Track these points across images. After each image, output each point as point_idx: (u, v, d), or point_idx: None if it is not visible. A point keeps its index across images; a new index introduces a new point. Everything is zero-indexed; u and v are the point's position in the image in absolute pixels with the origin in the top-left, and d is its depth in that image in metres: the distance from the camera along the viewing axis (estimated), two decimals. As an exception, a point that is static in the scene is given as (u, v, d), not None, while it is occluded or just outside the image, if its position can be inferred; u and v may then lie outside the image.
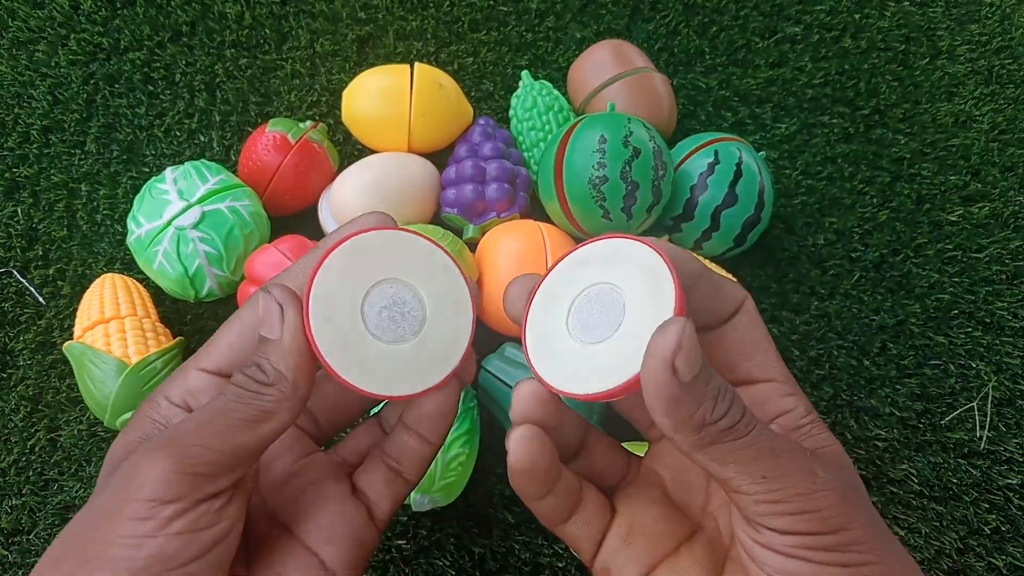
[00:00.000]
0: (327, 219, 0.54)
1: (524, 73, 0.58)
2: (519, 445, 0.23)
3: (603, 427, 0.48)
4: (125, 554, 0.20)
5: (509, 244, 0.50)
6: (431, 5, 0.65)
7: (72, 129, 0.59)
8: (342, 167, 0.54)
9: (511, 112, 0.58)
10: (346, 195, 0.51)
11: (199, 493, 0.21)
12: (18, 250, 0.55)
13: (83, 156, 0.58)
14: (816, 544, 0.20)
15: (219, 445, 0.21)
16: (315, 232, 0.55)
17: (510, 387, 0.45)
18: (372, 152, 0.57)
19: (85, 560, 0.20)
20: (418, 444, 0.26)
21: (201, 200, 0.48)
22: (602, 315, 0.23)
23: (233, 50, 0.62)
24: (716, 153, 0.52)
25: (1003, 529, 0.50)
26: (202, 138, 0.59)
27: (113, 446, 0.24)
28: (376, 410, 0.37)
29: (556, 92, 0.57)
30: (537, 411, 0.23)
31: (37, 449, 0.49)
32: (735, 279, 0.55)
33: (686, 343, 0.19)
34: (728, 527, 0.25)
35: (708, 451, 0.20)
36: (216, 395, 0.23)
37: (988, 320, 0.57)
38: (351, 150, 0.59)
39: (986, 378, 0.55)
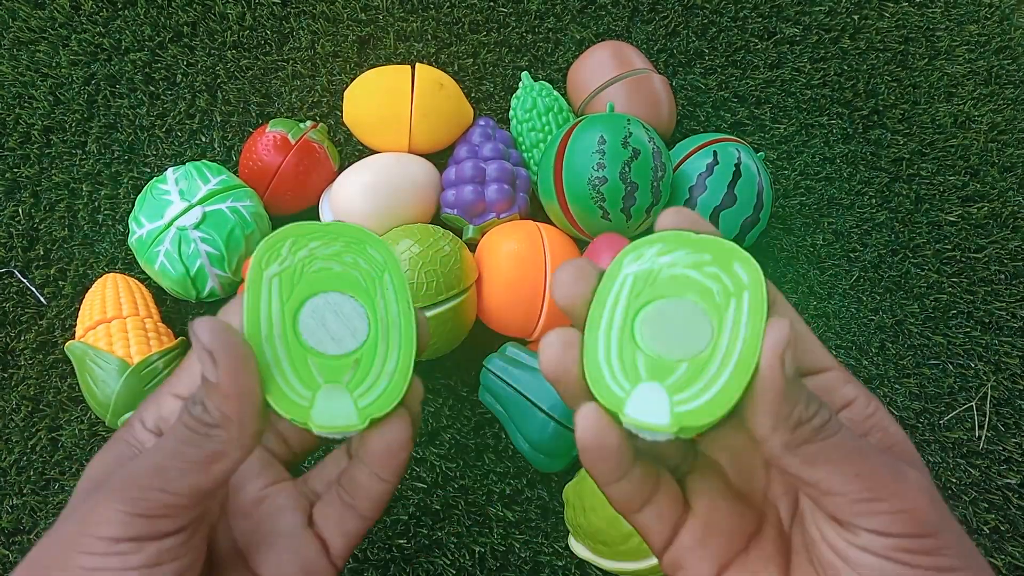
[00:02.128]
0: (327, 219, 0.54)
1: (524, 74, 0.59)
2: (588, 421, 0.21)
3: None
4: None
5: (509, 245, 0.50)
6: (431, 6, 0.65)
7: (73, 129, 0.59)
8: (343, 167, 0.54)
9: (511, 113, 0.58)
10: (346, 195, 0.51)
11: (156, 532, 0.21)
12: (19, 250, 0.55)
13: (84, 156, 0.58)
14: (913, 547, 0.20)
15: (173, 487, 0.21)
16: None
17: (512, 387, 0.45)
18: (373, 152, 0.58)
19: None
20: (370, 480, 0.25)
21: (202, 200, 0.48)
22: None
23: (234, 51, 0.62)
24: (715, 154, 0.52)
25: (1002, 529, 0.50)
26: (203, 138, 0.59)
27: (90, 464, 0.24)
28: None
29: (556, 93, 0.57)
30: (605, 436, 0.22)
31: (38, 449, 0.49)
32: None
33: (792, 340, 0.19)
34: (790, 516, 0.25)
35: (800, 451, 0.20)
36: (167, 433, 0.22)
37: (987, 320, 0.57)
38: (352, 150, 0.59)
39: (985, 378, 0.55)
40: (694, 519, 0.24)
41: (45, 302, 0.53)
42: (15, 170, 0.57)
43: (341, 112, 0.58)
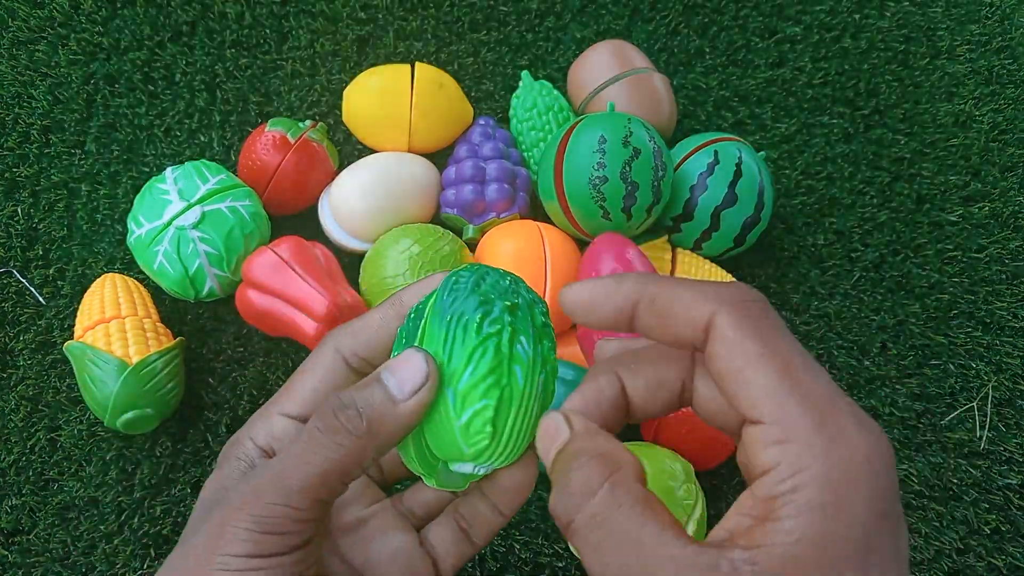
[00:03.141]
0: (327, 219, 0.54)
1: (524, 73, 0.58)
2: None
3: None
4: None
5: (508, 244, 0.50)
6: (431, 5, 0.65)
7: (72, 129, 0.59)
8: (342, 167, 0.54)
9: (511, 112, 0.58)
10: (346, 195, 0.51)
11: (284, 548, 0.21)
12: (18, 250, 0.55)
13: (83, 156, 0.58)
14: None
15: (295, 501, 0.21)
16: (315, 232, 0.55)
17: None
18: (372, 152, 0.57)
19: None
20: (491, 513, 0.26)
21: (201, 200, 0.48)
22: None
23: (233, 50, 0.62)
24: (716, 153, 0.52)
25: (1003, 529, 0.50)
26: (202, 138, 0.59)
27: (205, 488, 0.25)
28: None
29: (556, 92, 0.57)
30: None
31: (37, 449, 0.49)
32: (733, 279, 0.55)
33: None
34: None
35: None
36: (293, 441, 0.22)
37: (988, 320, 0.57)
38: (351, 150, 0.59)
39: (986, 378, 0.55)
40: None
41: (44, 302, 0.53)
42: (14, 170, 0.57)
43: (340, 111, 0.58)
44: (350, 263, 0.53)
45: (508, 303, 0.22)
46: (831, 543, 0.16)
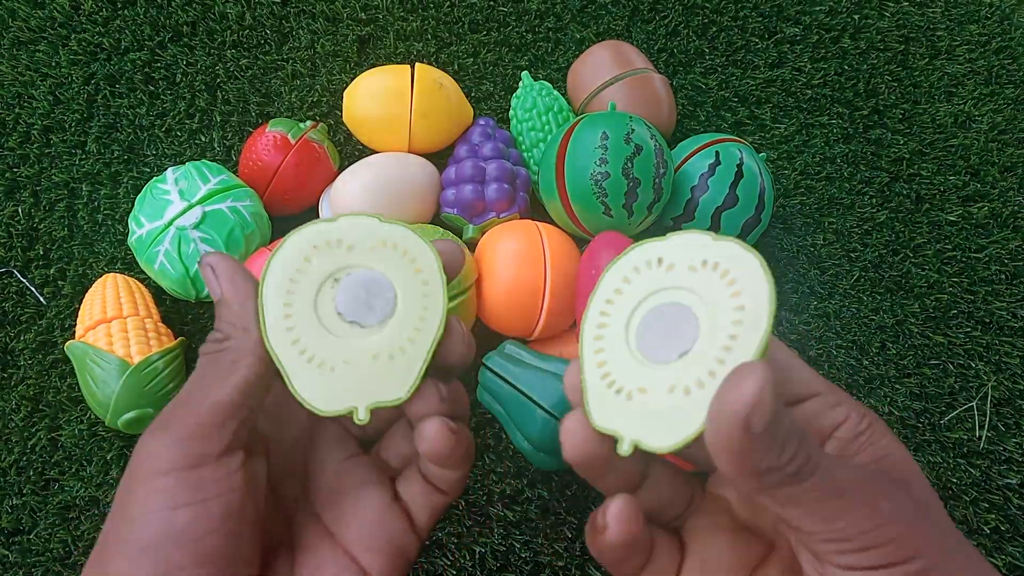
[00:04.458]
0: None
1: (524, 74, 0.59)
2: (619, 522, 0.22)
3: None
4: (136, 535, 0.20)
5: (508, 244, 0.50)
6: (431, 6, 0.65)
7: (73, 129, 0.59)
8: (343, 167, 0.54)
9: (511, 112, 0.58)
10: (346, 195, 0.51)
11: (193, 458, 0.21)
12: (19, 250, 0.55)
13: (84, 156, 0.58)
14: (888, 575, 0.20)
15: (197, 407, 0.22)
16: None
17: (512, 385, 0.45)
18: (372, 152, 0.58)
19: (104, 548, 0.21)
20: (440, 470, 0.26)
21: (202, 200, 0.48)
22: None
23: (234, 50, 0.62)
24: (717, 154, 0.52)
25: (1002, 529, 0.50)
26: (203, 138, 0.59)
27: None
28: None
29: (556, 93, 0.57)
30: (589, 449, 0.23)
31: (38, 449, 0.49)
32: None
33: (766, 398, 0.17)
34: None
35: (770, 494, 0.19)
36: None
37: (987, 320, 0.57)
38: (351, 150, 0.59)
39: (985, 378, 0.55)
40: (690, 559, 0.24)
41: (45, 302, 0.53)
42: (15, 170, 0.57)
43: (341, 112, 0.58)
44: (350, 263, 0.53)
45: None
46: (908, 462, 0.22)
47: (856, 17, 0.68)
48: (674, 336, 0.21)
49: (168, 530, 0.20)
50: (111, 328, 0.47)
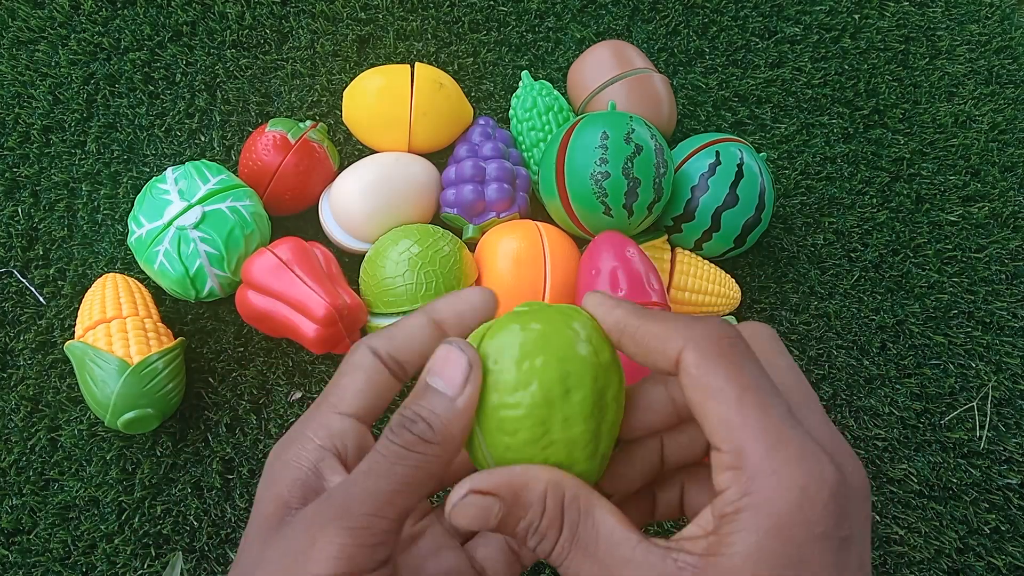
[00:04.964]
0: (327, 219, 0.54)
1: (524, 73, 0.58)
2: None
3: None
4: None
5: (508, 244, 0.50)
6: (431, 5, 0.65)
7: (73, 129, 0.59)
8: (342, 167, 0.54)
9: (511, 112, 0.58)
10: (346, 195, 0.51)
11: (372, 563, 0.20)
12: (19, 250, 0.55)
13: (84, 156, 0.58)
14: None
15: (385, 511, 0.21)
16: (315, 232, 0.55)
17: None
18: (372, 152, 0.58)
19: None
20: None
21: (202, 200, 0.48)
22: None
23: (234, 50, 0.62)
24: (718, 154, 0.52)
25: (1003, 529, 0.50)
26: (203, 138, 0.59)
27: (262, 495, 0.23)
28: None
29: (556, 92, 0.57)
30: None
31: (38, 449, 0.49)
32: (734, 283, 0.55)
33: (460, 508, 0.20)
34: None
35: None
36: (374, 455, 0.22)
37: (988, 320, 0.57)
38: (351, 150, 0.59)
39: (986, 378, 0.55)
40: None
41: (44, 302, 0.53)
42: (14, 170, 0.57)
43: (341, 112, 0.58)
44: (350, 263, 0.53)
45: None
46: (766, 559, 0.19)
47: (856, 17, 0.68)
48: None
49: None
50: (111, 328, 0.47)
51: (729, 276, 0.54)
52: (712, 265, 0.54)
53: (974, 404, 0.54)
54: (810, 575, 0.19)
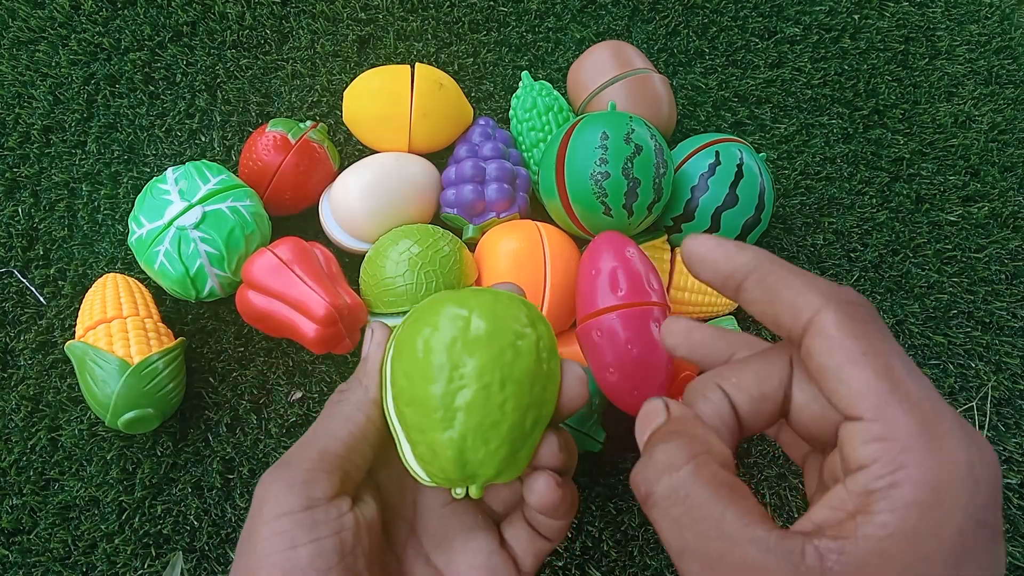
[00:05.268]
0: (328, 219, 0.54)
1: (524, 74, 0.59)
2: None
3: (602, 425, 0.48)
4: (265, 573, 0.22)
5: (508, 244, 0.50)
6: (431, 6, 0.65)
7: (73, 129, 0.59)
8: (343, 167, 0.54)
9: (511, 112, 0.58)
10: (346, 195, 0.51)
11: (306, 501, 0.24)
12: (19, 250, 0.55)
13: (84, 156, 0.58)
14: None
15: (310, 452, 0.25)
16: (315, 232, 0.55)
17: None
18: (372, 152, 0.58)
19: None
20: (546, 520, 0.27)
21: (202, 200, 0.48)
22: None
23: (234, 50, 0.62)
24: (717, 154, 0.52)
25: (1002, 529, 0.50)
26: (203, 138, 0.59)
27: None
28: None
29: (556, 93, 0.57)
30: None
31: (38, 449, 0.49)
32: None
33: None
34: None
35: None
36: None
37: (987, 320, 0.57)
38: (351, 150, 0.59)
39: (985, 378, 0.55)
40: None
41: (45, 302, 0.53)
42: (15, 170, 0.57)
43: (341, 112, 0.58)
44: (350, 263, 0.54)
45: None
46: (923, 542, 0.16)
47: (856, 17, 0.68)
48: None
49: (292, 568, 0.22)
50: (111, 328, 0.47)
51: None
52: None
53: (974, 404, 0.54)
54: (976, 567, 0.16)
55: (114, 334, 0.46)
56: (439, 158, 0.57)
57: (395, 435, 0.26)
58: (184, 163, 0.51)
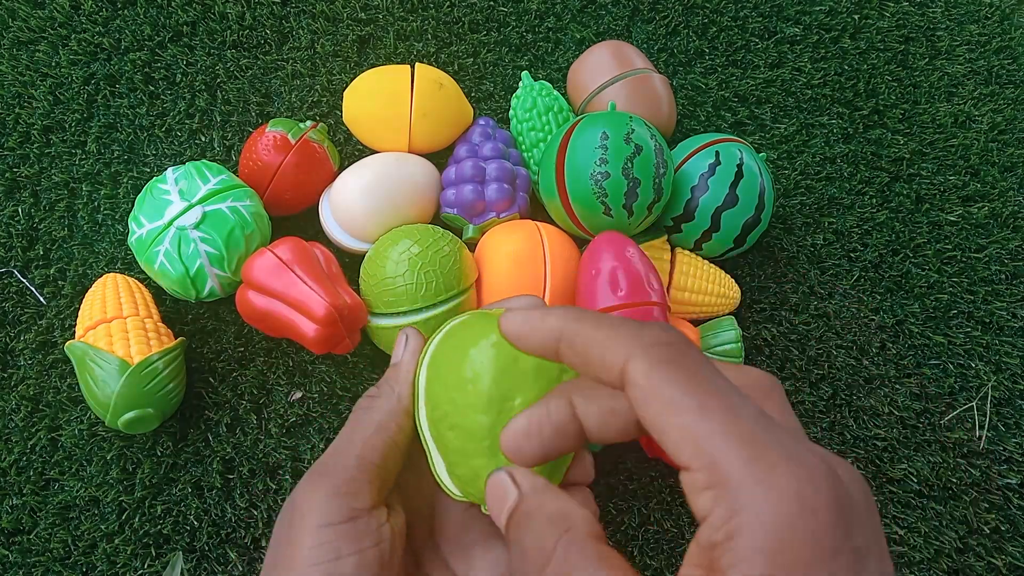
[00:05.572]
0: (327, 219, 0.54)
1: (524, 74, 0.59)
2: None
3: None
4: None
5: (508, 244, 0.50)
6: (431, 6, 0.65)
7: (73, 129, 0.59)
8: (342, 167, 0.54)
9: (511, 112, 0.58)
10: (346, 195, 0.51)
11: (350, 512, 0.23)
12: (19, 250, 0.55)
13: (84, 156, 0.58)
14: None
15: (346, 460, 0.25)
16: (315, 232, 0.55)
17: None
18: (372, 152, 0.58)
19: None
20: None
21: (202, 200, 0.48)
22: None
23: (234, 50, 0.62)
24: (717, 154, 0.52)
25: (1002, 529, 0.50)
26: (203, 138, 0.59)
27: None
28: None
29: (556, 93, 0.57)
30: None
31: (38, 449, 0.49)
32: (733, 284, 0.55)
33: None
34: None
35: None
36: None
37: (987, 320, 0.57)
38: (351, 150, 0.59)
39: (985, 378, 0.55)
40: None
41: (45, 302, 0.53)
42: (15, 170, 0.57)
43: (341, 112, 0.58)
44: (350, 263, 0.54)
45: None
46: None
47: (856, 17, 0.68)
48: None
49: None
50: (111, 328, 0.47)
51: (729, 276, 0.54)
52: (712, 265, 0.54)
53: (974, 404, 0.54)
54: None
55: (114, 334, 0.46)
56: (439, 158, 0.57)
57: (426, 449, 0.26)
58: (184, 163, 0.51)
